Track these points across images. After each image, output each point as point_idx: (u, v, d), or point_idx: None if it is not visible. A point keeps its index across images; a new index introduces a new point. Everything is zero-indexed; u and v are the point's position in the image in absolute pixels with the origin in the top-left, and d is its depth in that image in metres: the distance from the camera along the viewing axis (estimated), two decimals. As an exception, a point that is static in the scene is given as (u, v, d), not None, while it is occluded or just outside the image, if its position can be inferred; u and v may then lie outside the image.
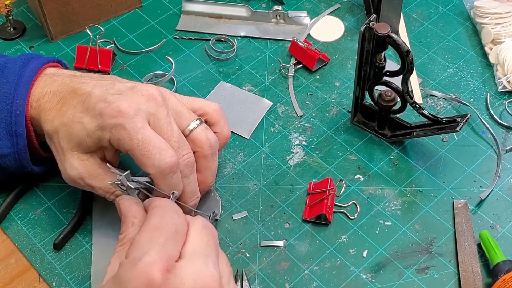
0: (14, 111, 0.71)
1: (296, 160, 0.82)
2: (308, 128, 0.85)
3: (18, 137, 0.71)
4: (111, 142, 0.67)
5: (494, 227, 0.76)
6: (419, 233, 0.76)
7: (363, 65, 0.78)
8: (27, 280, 0.73)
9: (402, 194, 0.79)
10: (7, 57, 0.76)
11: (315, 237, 0.75)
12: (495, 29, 0.91)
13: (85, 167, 0.69)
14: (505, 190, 0.79)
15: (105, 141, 0.67)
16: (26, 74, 0.72)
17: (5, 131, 0.71)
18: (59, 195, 0.79)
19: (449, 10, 0.98)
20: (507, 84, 0.88)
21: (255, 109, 0.87)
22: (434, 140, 0.83)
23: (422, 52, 0.93)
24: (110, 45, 0.94)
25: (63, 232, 0.75)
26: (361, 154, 0.82)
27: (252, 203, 0.78)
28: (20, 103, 0.71)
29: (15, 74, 0.72)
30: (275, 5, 0.98)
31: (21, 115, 0.71)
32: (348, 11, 0.99)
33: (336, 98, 0.88)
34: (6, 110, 0.71)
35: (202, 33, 0.96)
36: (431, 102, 0.87)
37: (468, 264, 0.72)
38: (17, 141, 0.71)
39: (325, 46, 0.94)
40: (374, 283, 0.72)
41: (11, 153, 0.72)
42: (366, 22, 0.74)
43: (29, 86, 0.72)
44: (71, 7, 0.93)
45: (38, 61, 0.74)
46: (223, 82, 0.90)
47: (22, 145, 0.71)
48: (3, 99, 0.71)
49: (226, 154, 0.82)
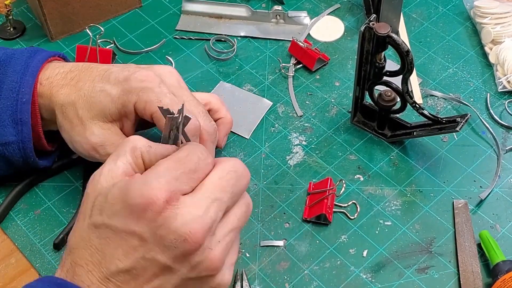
0: (20, 99, 0.72)
1: (296, 160, 0.82)
2: (308, 128, 0.85)
3: (23, 125, 0.72)
4: (136, 106, 0.69)
5: (494, 227, 0.76)
6: (419, 233, 0.76)
7: (363, 65, 0.78)
8: (27, 280, 0.73)
9: (402, 194, 0.79)
10: (15, 50, 0.77)
11: (315, 237, 0.75)
12: (495, 29, 0.91)
13: (106, 136, 0.71)
14: (505, 190, 0.79)
15: (129, 106, 0.69)
16: (33, 64, 0.73)
17: (10, 118, 0.72)
18: (59, 195, 0.79)
19: (449, 10, 0.98)
20: (507, 84, 0.88)
21: (255, 109, 0.87)
22: (434, 140, 0.83)
23: (422, 52, 0.93)
24: (110, 45, 0.94)
25: (63, 232, 0.75)
26: (361, 154, 0.82)
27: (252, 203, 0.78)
28: (26, 91, 0.72)
29: (22, 64, 0.73)
30: (275, 5, 0.98)
31: (27, 103, 0.72)
32: (348, 11, 0.99)
33: (336, 98, 0.88)
34: (12, 98, 0.72)
35: (202, 33, 0.96)
36: (431, 102, 0.88)
37: (468, 264, 0.72)
38: (22, 129, 0.72)
39: (325, 46, 0.94)
40: (374, 283, 0.72)
41: (15, 141, 0.72)
42: (366, 22, 0.74)
43: (36, 74, 0.73)
44: (71, 7, 0.93)
45: (45, 53, 0.76)
46: (223, 82, 0.90)
47: (27, 132, 0.72)
48: (10, 88, 0.72)
49: (226, 154, 0.82)
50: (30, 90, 0.72)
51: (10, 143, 0.72)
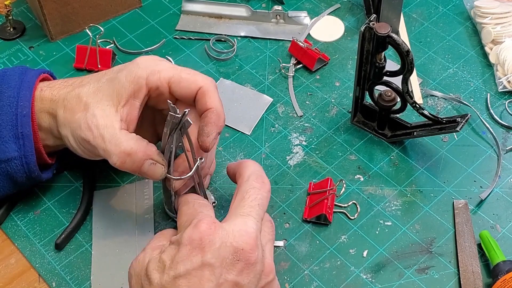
0: (19, 113, 0.71)
1: (296, 160, 0.82)
2: (308, 128, 0.85)
3: (25, 139, 0.71)
4: (149, 79, 0.70)
5: (494, 227, 0.76)
6: (419, 233, 0.76)
7: (363, 65, 0.78)
8: (27, 280, 0.73)
9: (402, 194, 0.79)
10: (5, 68, 0.77)
11: (315, 237, 0.75)
12: (495, 29, 0.91)
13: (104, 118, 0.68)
14: (505, 190, 0.79)
15: (140, 81, 0.69)
16: (27, 79, 0.73)
17: (11, 133, 0.71)
18: (59, 195, 0.79)
19: (449, 10, 0.98)
20: (507, 84, 0.87)
21: (256, 105, 0.87)
22: (434, 140, 0.83)
23: (422, 52, 0.93)
24: (110, 45, 0.94)
25: (65, 231, 0.74)
26: (361, 154, 0.82)
27: (252, 203, 0.78)
28: (25, 104, 0.71)
29: (16, 80, 0.73)
30: (275, 5, 0.98)
31: (27, 115, 0.71)
32: (348, 11, 0.99)
33: (336, 98, 0.88)
34: (11, 112, 0.71)
35: (202, 33, 0.96)
36: (431, 102, 0.87)
37: (468, 264, 0.72)
38: (24, 143, 0.71)
39: (325, 46, 0.94)
40: (374, 283, 0.72)
41: (17, 157, 0.71)
42: (366, 22, 0.74)
43: (32, 87, 0.73)
44: (71, 7, 0.93)
45: (35, 71, 0.76)
46: (223, 79, 0.90)
47: (29, 146, 0.71)
48: (8, 103, 0.72)
49: (226, 154, 0.82)
50: (29, 103, 0.72)
51: (12, 159, 0.71)
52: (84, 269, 0.73)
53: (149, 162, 0.67)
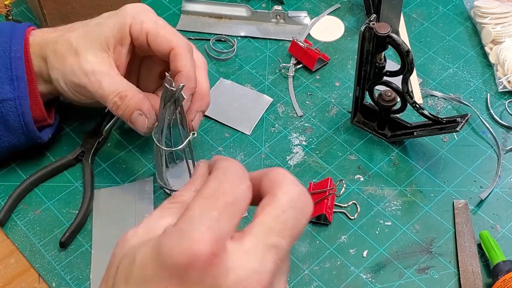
0: (13, 56, 0.74)
1: (296, 160, 0.82)
2: (308, 128, 0.85)
3: (19, 81, 0.74)
4: (131, 28, 0.73)
5: (494, 227, 0.76)
6: (419, 233, 0.76)
7: (363, 65, 0.78)
8: (27, 280, 0.73)
9: (402, 194, 0.79)
10: None
11: (315, 237, 0.75)
12: (495, 29, 0.91)
13: (99, 63, 0.72)
14: (505, 190, 0.79)
15: (125, 29, 0.73)
16: (18, 28, 0.76)
17: (5, 76, 0.74)
18: (59, 195, 0.79)
19: (449, 10, 0.98)
20: (507, 84, 0.87)
21: (256, 105, 0.87)
22: (434, 140, 0.83)
23: (422, 52, 0.93)
24: (110, 45, 0.94)
25: (69, 229, 0.74)
26: (361, 154, 0.82)
27: (252, 203, 0.78)
28: (18, 48, 0.74)
29: (8, 30, 0.76)
30: (275, 5, 0.98)
31: (20, 58, 0.74)
32: (348, 11, 0.99)
33: (336, 98, 0.88)
34: (5, 57, 0.74)
35: (202, 33, 0.96)
36: (431, 102, 0.87)
37: (468, 264, 0.72)
38: (18, 84, 0.74)
39: (325, 46, 0.94)
40: (374, 283, 0.72)
41: (12, 98, 0.74)
42: (366, 22, 0.74)
43: (24, 34, 0.75)
44: (71, 7, 0.93)
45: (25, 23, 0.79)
46: (223, 79, 0.90)
47: (23, 88, 0.74)
48: (1, 48, 0.74)
49: (226, 154, 0.82)
50: (21, 47, 0.74)
51: (7, 100, 0.74)
52: (84, 269, 0.73)
53: (138, 112, 0.71)
